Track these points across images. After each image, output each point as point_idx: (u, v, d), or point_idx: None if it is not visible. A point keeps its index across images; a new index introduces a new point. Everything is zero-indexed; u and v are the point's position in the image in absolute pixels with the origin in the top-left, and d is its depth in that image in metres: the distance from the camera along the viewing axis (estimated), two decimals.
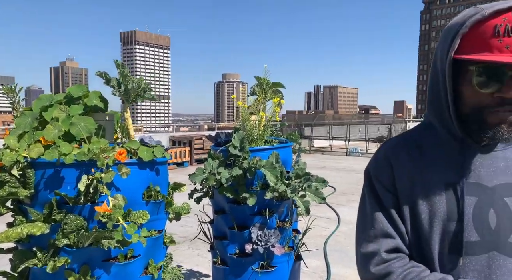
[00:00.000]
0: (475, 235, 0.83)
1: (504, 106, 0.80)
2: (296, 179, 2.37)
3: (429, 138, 0.93)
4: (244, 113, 2.34)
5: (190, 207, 1.88)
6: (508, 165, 0.87)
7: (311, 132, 18.06)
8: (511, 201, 0.84)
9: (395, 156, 0.93)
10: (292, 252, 2.30)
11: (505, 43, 0.76)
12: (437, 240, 0.85)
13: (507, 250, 0.82)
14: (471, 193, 0.85)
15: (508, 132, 0.81)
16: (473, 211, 0.84)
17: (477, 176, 0.86)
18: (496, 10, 0.76)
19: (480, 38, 0.78)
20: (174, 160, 10.60)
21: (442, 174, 0.87)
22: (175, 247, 4.24)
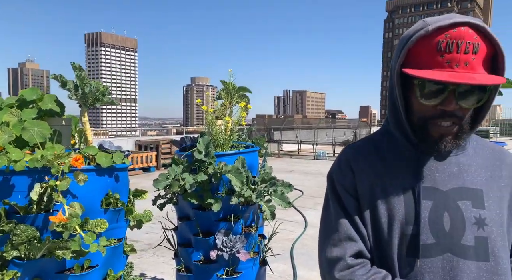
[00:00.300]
0: (430, 238, 0.85)
1: (445, 118, 0.83)
2: (262, 184, 2.37)
3: (388, 144, 0.95)
4: (209, 117, 2.32)
5: (152, 214, 1.83)
6: (460, 170, 0.90)
7: (280, 136, 18.23)
8: (463, 205, 0.87)
9: (356, 161, 0.95)
10: (257, 257, 2.29)
11: (446, 59, 0.79)
12: (396, 243, 0.87)
13: (460, 252, 0.85)
14: (427, 197, 0.87)
15: (451, 144, 0.86)
16: (429, 214, 0.86)
17: (433, 180, 0.89)
18: (438, 27, 0.79)
19: (424, 53, 0.82)
20: (140, 165, 10.34)
21: (400, 178, 0.90)
22: (139, 254, 4.13)
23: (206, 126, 2.45)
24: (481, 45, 0.79)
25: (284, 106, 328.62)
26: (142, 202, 2.12)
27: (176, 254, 2.40)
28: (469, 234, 0.85)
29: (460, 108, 0.83)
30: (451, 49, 0.78)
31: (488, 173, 0.92)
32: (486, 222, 0.86)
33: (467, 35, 0.78)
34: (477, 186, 0.89)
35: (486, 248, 0.85)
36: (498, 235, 0.87)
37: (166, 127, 33.09)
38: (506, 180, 0.93)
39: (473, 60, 0.79)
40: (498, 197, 0.90)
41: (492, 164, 0.93)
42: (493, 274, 0.85)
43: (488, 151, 0.96)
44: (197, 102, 2.40)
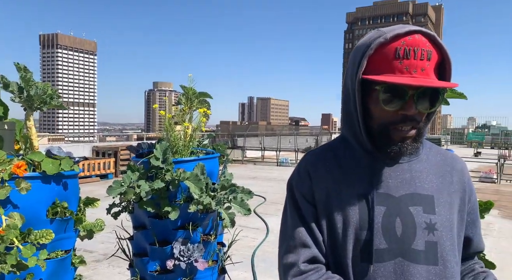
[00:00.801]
0: (383, 243, 0.87)
1: (406, 122, 0.86)
2: (222, 191, 2.33)
3: (345, 151, 0.97)
4: (167, 123, 2.26)
5: (104, 223, 1.75)
6: (413, 176, 0.92)
7: (243, 143, 18.24)
8: (415, 210, 0.89)
9: (314, 168, 0.96)
10: (216, 266, 2.25)
11: (405, 65, 0.82)
12: (350, 249, 0.88)
13: (410, 256, 0.87)
14: (380, 203, 0.89)
15: (412, 147, 0.88)
16: (382, 220, 0.88)
17: (386, 186, 0.91)
18: (396, 34, 0.83)
19: (384, 60, 0.84)
20: (97, 172, 9.92)
21: (355, 185, 0.92)
22: (93, 266, 3.93)
23: (164, 132, 2.39)
24: (433, 52, 0.84)
25: (249, 112, 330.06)
26: (97, 210, 2.02)
27: (131, 265, 2.30)
28: (420, 239, 0.87)
29: (418, 113, 0.86)
30: (409, 55, 0.82)
31: (439, 179, 0.94)
32: (436, 227, 0.89)
33: (421, 43, 0.82)
34: (428, 192, 0.91)
35: (435, 252, 0.88)
36: (447, 239, 0.89)
37: (126, 133, 32.09)
38: (456, 186, 0.96)
39: (427, 66, 0.83)
40: (448, 203, 0.92)
41: (443, 170, 0.96)
42: (441, 277, 0.87)
43: (440, 157, 0.99)
44: (154, 107, 2.34)
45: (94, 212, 1.76)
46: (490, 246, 5.08)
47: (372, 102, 0.88)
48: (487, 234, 5.65)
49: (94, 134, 24.83)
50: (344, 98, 0.95)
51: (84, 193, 2.09)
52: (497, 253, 4.85)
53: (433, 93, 0.85)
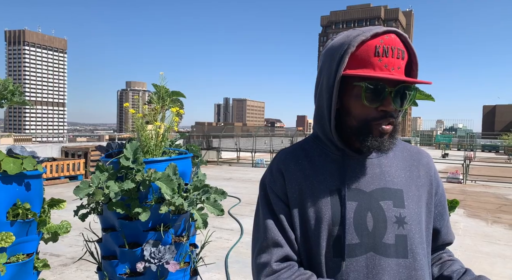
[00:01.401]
0: (355, 238, 0.88)
1: (386, 118, 0.88)
2: (194, 192, 2.30)
3: (317, 149, 0.98)
4: (138, 122, 2.21)
5: (70, 225, 1.68)
6: (382, 171, 0.94)
7: (219, 144, 18.14)
8: (385, 204, 0.91)
9: (286, 166, 0.97)
10: (188, 268, 2.21)
11: (384, 63, 0.85)
12: (323, 244, 0.89)
13: (381, 250, 0.88)
14: (352, 198, 0.90)
15: (389, 142, 0.91)
16: (354, 215, 0.89)
17: (357, 182, 0.92)
18: (375, 33, 0.86)
19: (364, 57, 0.86)
20: (66, 173, 9.59)
21: (327, 182, 0.93)
22: (60, 270, 3.79)
23: (135, 131, 2.33)
24: (405, 52, 0.88)
25: (225, 113, 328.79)
26: (65, 213, 1.94)
27: (99, 268, 2.23)
28: (390, 233, 0.89)
29: (395, 110, 0.89)
30: (387, 53, 0.85)
31: (407, 173, 0.97)
32: (406, 221, 0.91)
33: (397, 42, 0.86)
34: (397, 186, 0.93)
35: (405, 245, 0.89)
36: (416, 232, 0.91)
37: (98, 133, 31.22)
38: (423, 180, 0.98)
39: (402, 64, 0.87)
40: (417, 196, 0.95)
41: (410, 164, 0.99)
42: (411, 269, 0.89)
43: (407, 152, 1.02)
44: (125, 105, 2.28)
45: (62, 215, 1.69)
46: (455, 244, 5.27)
47: (351, 99, 0.89)
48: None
49: (63, 135, 23.96)
50: (318, 95, 0.95)
51: (52, 194, 2.02)
52: (463, 251, 5.03)
53: (408, 91, 0.89)
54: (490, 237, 5.72)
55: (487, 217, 7.11)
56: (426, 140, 35.86)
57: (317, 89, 0.96)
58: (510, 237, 5.64)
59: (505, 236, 5.75)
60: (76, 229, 2.09)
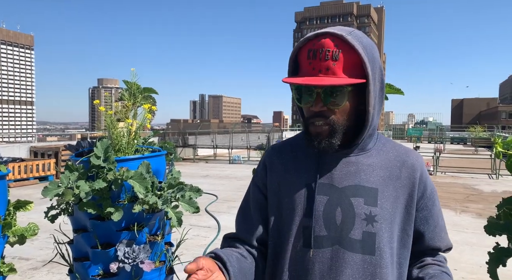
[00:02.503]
0: (323, 230, 0.92)
1: (315, 118, 0.93)
2: (169, 190, 2.27)
3: (301, 145, 1.04)
4: (108, 120, 2.15)
5: (38, 227, 1.62)
6: (358, 169, 0.96)
7: (195, 141, 17.98)
8: (356, 201, 0.93)
9: (271, 160, 1.05)
10: (164, 267, 2.18)
11: (312, 66, 0.89)
12: (293, 234, 0.95)
13: (347, 245, 0.91)
14: (322, 192, 0.94)
15: (325, 142, 0.93)
16: (324, 208, 0.93)
17: (330, 178, 0.95)
18: (307, 38, 0.90)
19: (301, 62, 0.92)
20: (36, 174, 9.26)
21: (303, 176, 0.98)
22: (30, 274, 3.66)
23: (106, 129, 2.27)
24: (343, 53, 0.87)
25: (201, 110, 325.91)
26: (35, 215, 1.87)
27: (70, 270, 2.16)
28: (358, 229, 0.92)
29: (328, 109, 0.91)
30: (315, 56, 0.88)
31: (387, 173, 0.97)
32: (376, 219, 0.92)
33: (326, 44, 0.88)
34: (372, 185, 0.95)
35: (373, 242, 0.92)
36: (386, 231, 0.93)
37: (69, 132, 30.24)
38: (404, 181, 0.98)
39: (333, 65, 0.87)
40: (393, 197, 0.96)
41: (392, 165, 0.99)
42: (376, 267, 0.92)
43: (393, 153, 1.02)
44: (95, 103, 2.22)
45: (32, 217, 1.62)
46: None
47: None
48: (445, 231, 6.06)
49: (32, 134, 23.05)
50: None
51: (21, 196, 1.94)
52: None
53: (341, 91, 0.90)
54: (459, 226, 5.95)
55: (456, 207, 7.41)
56: (398, 134, 36.84)
57: None
58: (477, 226, 5.89)
59: (472, 225, 6.01)
60: (47, 231, 2.02)
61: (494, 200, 7.99)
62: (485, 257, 1.29)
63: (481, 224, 1.28)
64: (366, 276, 0.91)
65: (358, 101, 0.94)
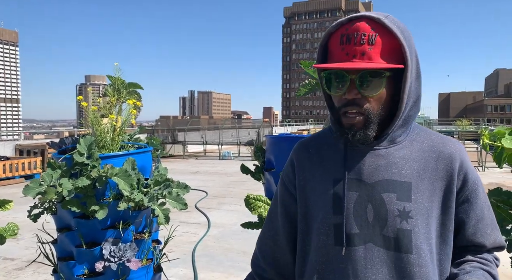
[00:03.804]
0: (354, 228, 0.88)
1: (348, 106, 0.87)
2: (155, 186, 2.23)
3: (328, 139, 1.00)
4: (92, 116, 2.10)
5: (18, 227, 1.57)
6: (389, 162, 0.90)
7: (184, 137, 17.87)
8: (387, 197, 0.87)
9: (297, 155, 1.02)
10: (151, 265, 2.15)
11: (346, 51, 0.84)
12: (323, 231, 0.91)
13: (380, 242, 0.87)
14: (352, 188, 0.90)
15: (360, 134, 0.87)
16: (354, 205, 0.89)
17: (359, 173, 0.90)
18: (340, 22, 0.87)
19: (333, 48, 0.88)
20: (22, 173, 9.09)
21: (330, 171, 0.94)
22: (15, 274, 3.59)
23: (90, 126, 2.21)
24: (380, 36, 0.83)
25: (190, 107, 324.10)
26: (20, 214, 1.82)
27: (55, 270, 2.12)
28: (391, 226, 0.86)
29: (362, 97, 0.85)
30: (350, 41, 0.83)
31: (421, 165, 0.91)
32: (411, 215, 0.86)
33: (362, 28, 0.83)
34: (405, 178, 0.89)
35: (409, 240, 0.86)
36: (422, 228, 0.87)
37: (56, 130, 29.76)
38: (441, 173, 0.91)
39: (369, 50, 0.82)
40: (429, 190, 0.89)
41: (427, 156, 0.92)
42: (414, 266, 0.85)
43: (428, 143, 0.94)
44: (78, 98, 2.16)
45: (18, 216, 1.57)
46: None
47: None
48: (492, 226, 6.11)
49: (18, 132, 22.65)
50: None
51: (5, 195, 1.87)
52: None
53: (378, 77, 0.84)
54: None
55: None
56: None
57: None
58: None
59: None
60: (33, 230, 1.97)
61: None
62: None
63: None
64: (404, 276, 0.86)
65: (395, 89, 0.88)
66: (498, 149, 1.22)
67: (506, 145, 1.15)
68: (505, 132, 1.16)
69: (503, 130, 1.16)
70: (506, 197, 1.25)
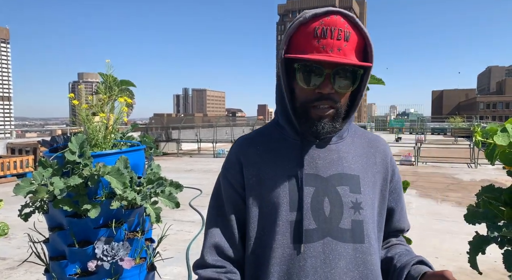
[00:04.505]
0: (312, 223, 0.88)
1: (322, 101, 0.87)
2: (148, 185, 2.22)
3: (277, 135, 0.97)
4: (83, 114, 2.08)
5: (8, 227, 1.55)
6: (340, 157, 0.94)
7: (178, 135, 17.81)
8: (342, 190, 0.91)
9: (244, 153, 0.96)
10: (144, 263, 2.14)
11: (322, 44, 0.83)
12: (280, 231, 0.88)
13: (338, 235, 0.88)
14: (309, 183, 0.90)
15: (329, 126, 0.89)
16: (311, 200, 0.89)
17: (315, 167, 0.92)
18: (314, 14, 0.84)
19: (304, 39, 0.85)
20: (14, 171, 9.01)
21: (285, 167, 0.92)
22: (7, 274, 3.56)
23: (82, 124, 2.19)
24: (352, 34, 0.84)
25: (184, 104, 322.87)
26: (12, 213, 1.79)
27: (47, 270, 2.10)
28: (346, 218, 0.90)
29: (335, 92, 0.87)
30: (326, 34, 0.83)
31: (364, 160, 0.97)
32: (362, 206, 0.91)
33: (339, 23, 0.83)
34: (354, 172, 0.94)
35: (361, 230, 0.90)
36: (370, 218, 0.93)
37: (49, 128, 29.55)
38: (379, 167, 0.99)
39: (345, 46, 0.84)
40: (372, 182, 0.96)
41: (367, 151, 0.99)
42: (367, 254, 0.90)
43: (364, 139, 1.02)
44: (69, 96, 2.13)
45: (9, 215, 1.55)
46: None
47: (294, 81, 0.89)
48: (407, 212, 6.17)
49: (10, 130, 22.39)
50: (277, 80, 0.95)
51: None
52: (415, 229, 5.31)
53: (353, 74, 0.86)
54: (440, 215, 6.08)
55: (437, 196, 7.56)
56: (380, 125, 37.39)
57: (276, 73, 0.96)
58: (457, 214, 6.03)
59: (453, 213, 6.15)
60: (25, 229, 1.95)
61: (473, 188, 8.20)
62: (465, 245, 1.30)
63: (461, 213, 1.28)
64: (359, 265, 0.88)
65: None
66: (490, 146, 1.23)
67: (498, 142, 1.16)
68: (497, 129, 1.17)
69: (495, 127, 1.17)
70: (498, 194, 1.26)
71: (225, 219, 0.95)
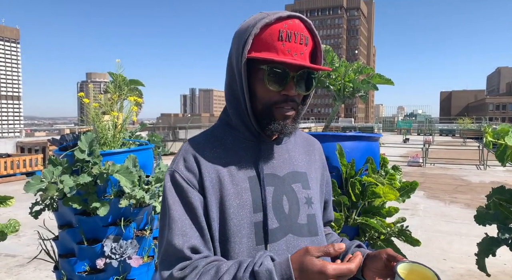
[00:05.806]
0: (275, 222, 0.90)
1: (287, 102, 0.89)
2: (156, 184, 2.23)
3: (231, 135, 0.96)
4: (93, 113, 2.10)
5: (19, 224, 1.57)
6: (290, 155, 0.99)
7: (185, 135, 17.88)
8: (296, 187, 0.95)
9: (201, 154, 0.92)
10: (152, 262, 2.15)
11: (287, 47, 0.85)
12: (245, 232, 0.87)
13: (297, 231, 0.92)
14: (269, 183, 0.92)
15: (291, 126, 0.91)
16: (272, 199, 0.91)
17: (272, 167, 0.94)
18: (278, 16, 0.85)
19: (268, 41, 0.86)
20: (23, 170, 9.11)
21: (245, 168, 0.92)
22: (17, 270, 3.60)
23: (91, 123, 2.21)
24: (309, 39, 0.88)
25: (191, 104, 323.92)
26: (22, 211, 1.81)
27: (56, 267, 2.12)
28: (303, 213, 0.94)
29: (297, 95, 0.90)
30: (290, 38, 0.85)
31: (307, 157, 1.04)
32: (312, 201, 0.97)
33: (300, 28, 0.86)
34: (302, 169, 1.00)
35: (315, 224, 0.96)
36: (318, 211, 0.99)
37: (58, 127, 29.78)
38: (318, 163, 1.07)
39: (305, 50, 0.87)
40: (315, 178, 1.03)
41: (307, 149, 1.06)
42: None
43: (303, 138, 1.08)
44: (80, 95, 2.15)
45: (19, 213, 1.57)
46: (416, 225, 5.51)
47: (257, 82, 0.88)
48: (414, 214, 6.12)
49: (19, 129, 22.64)
50: (229, 79, 0.93)
51: (6, 192, 1.87)
52: (423, 231, 5.26)
53: (308, 78, 0.89)
54: (448, 217, 6.02)
55: (445, 198, 7.48)
56: (388, 126, 37.13)
57: (228, 72, 0.94)
58: (466, 216, 5.96)
59: (461, 215, 6.08)
60: (34, 227, 1.97)
61: (482, 190, 8.10)
62: (473, 247, 1.29)
63: (470, 215, 1.27)
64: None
65: None
66: (501, 147, 1.21)
67: (510, 143, 1.14)
68: (508, 130, 1.15)
69: (507, 128, 1.16)
70: (509, 196, 1.25)
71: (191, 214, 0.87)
